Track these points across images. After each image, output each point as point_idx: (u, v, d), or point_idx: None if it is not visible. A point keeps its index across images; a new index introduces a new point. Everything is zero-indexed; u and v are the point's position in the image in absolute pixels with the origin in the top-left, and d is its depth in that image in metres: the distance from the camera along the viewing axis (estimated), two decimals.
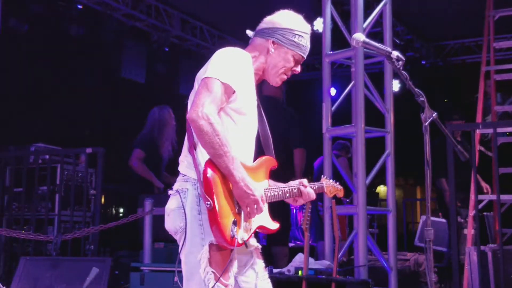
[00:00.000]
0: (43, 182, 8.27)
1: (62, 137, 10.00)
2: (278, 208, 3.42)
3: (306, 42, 3.21)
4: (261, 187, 3.04)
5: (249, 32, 3.26)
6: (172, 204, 2.97)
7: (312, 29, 3.29)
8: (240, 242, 2.86)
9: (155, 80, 11.76)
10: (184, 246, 2.88)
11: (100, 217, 7.84)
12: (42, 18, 9.77)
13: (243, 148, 3.03)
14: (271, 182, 3.22)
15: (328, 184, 3.51)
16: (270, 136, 3.29)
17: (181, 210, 2.90)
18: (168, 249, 7.65)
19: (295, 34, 3.17)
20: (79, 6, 10.26)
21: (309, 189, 3.27)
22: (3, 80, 9.60)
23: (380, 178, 7.02)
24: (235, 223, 2.84)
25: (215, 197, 2.77)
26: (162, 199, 7.53)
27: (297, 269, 5.78)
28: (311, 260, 5.98)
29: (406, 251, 8.92)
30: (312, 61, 14.00)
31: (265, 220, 3.07)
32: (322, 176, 3.56)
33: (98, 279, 5.96)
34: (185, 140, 3.02)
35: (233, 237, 2.81)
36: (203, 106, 2.79)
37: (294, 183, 3.26)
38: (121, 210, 14.13)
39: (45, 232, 7.81)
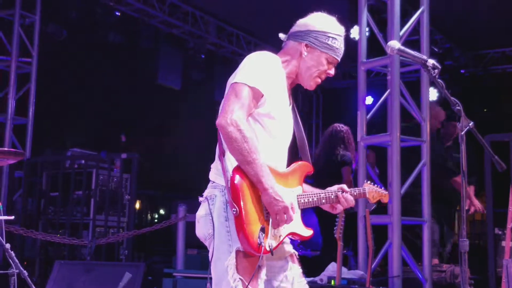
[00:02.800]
0: (78, 186, 8.35)
1: (98, 143, 10.10)
2: None
3: (340, 44, 3.14)
4: (294, 193, 3.00)
5: (282, 36, 3.21)
6: (201, 211, 2.96)
7: (347, 32, 3.22)
8: (268, 249, 2.82)
9: (191, 87, 11.82)
10: (212, 253, 2.88)
11: (134, 223, 7.89)
12: (80, 24, 9.91)
13: (273, 154, 2.98)
14: (307, 188, 3.15)
15: (371, 189, 3.35)
16: (306, 141, 3.23)
17: (208, 217, 2.88)
18: (201, 255, 7.67)
19: (329, 37, 3.10)
20: (117, 13, 10.38)
21: (346, 195, 3.14)
22: (41, 85, 9.74)
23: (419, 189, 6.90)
24: (263, 230, 2.80)
25: (241, 204, 2.75)
26: (196, 205, 7.57)
27: (330, 278, 5.73)
28: (344, 269, 5.92)
29: (442, 262, 8.79)
30: (349, 69, 13.94)
31: (297, 226, 3.01)
32: (365, 181, 3.42)
33: (131, 284, 5.97)
34: (217, 147, 2.99)
35: (260, 244, 2.77)
36: (232, 112, 2.78)
37: (332, 189, 3.16)
38: (156, 216, 14.22)
39: (80, 237, 7.89)
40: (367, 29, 6.99)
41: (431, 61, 3.13)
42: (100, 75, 10.88)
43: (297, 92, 14.79)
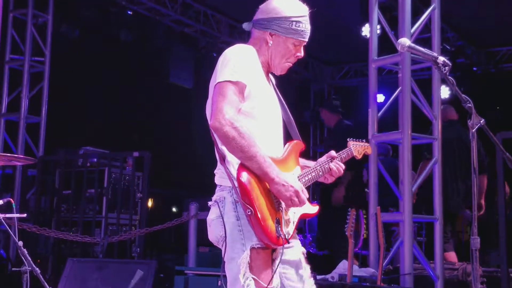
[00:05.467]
0: (91, 184, 8.40)
1: (111, 141, 10.14)
2: None
3: (305, 26, 3.10)
4: (294, 176, 3.02)
5: (246, 25, 3.20)
6: (211, 214, 2.99)
7: (311, 9, 3.18)
8: (287, 238, 2.86)
9: (203, 86, 11.77)
10: (226, 254, 2.89)
11: (146, 220, 7.92)
12: (92, 23, 9.95)
13: (270, 142, 3.01)
14: (303, 162, 3.18)
15: (356, 146, 3.41)
16: (293, 120, 3.23)
17: (219, 219, 2.91)
18: (212, 253, 7.69)
19: (292, 21, 3.06)
20: (129, 12, 10.42)
21: (334, 164, 3.20)
22: (53, 84, 9.79)
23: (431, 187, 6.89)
24: (278, 221, 2.84)
25: (254, 203, 2.76)
26: (207, 203, 7.58)
27: (341, 276, 5.73)
28: (355, 267, 5.92)
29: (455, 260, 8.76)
30: (361, 67, 13.92)
31: (305, 207, 3.03)
32: (348, 139, 3.43)
33: (143, 281, 5.99)
34: (215, 152, 3.01)
35: (279, 236, 2.81)
36: (222, 112, 2.79)
37: (323, 160, 3.22)
38: (169, 214, 14.26)
39: (92, 234, 7.93)
40: (378, 27, 6.98)
41: (441, 58, 3.13)
42: (112, 74, 10.92)
43: (309, 89, 14.79)
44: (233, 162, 2.86)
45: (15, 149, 9.40)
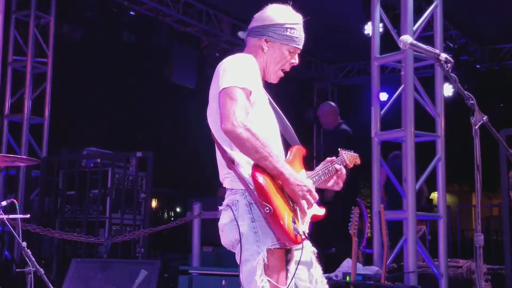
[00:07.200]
0: (94, 185, 8.40)
1: (114, 141, 10.15)
2: None
3: (299, 33, 3.16)
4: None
5: (241, 34, 3.25)
6: (224, 219, 2.98)
7: (304, 18, 3.23)
8: (304, 236, 2.88)
9: (206, 85, 11.77)
10: (241, 256, 2.89)
11: (150, 220, 7.92)
12: (95, 24, 9.95)
13: (275, 146, 3.03)
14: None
15: (348, 156, 3.47)
16: (290, 127, 3.27)
17: (233, 222, 2.91)
18: (216, 252, 7.68)
19: (286, 28, 3.12)
20: (131, 13, 10.42)
21: (340, 166, 3.28)
22: (56, 85, 9.80)
23: (435, 184, 6.89)
24: (293, 220, 2.86)
25: (272, 200, 2.78)
26: (210, 203, 7.59)
27: (345, 274, 5.73)
28: (359, 265, 5.91)
29: (460, 258, 8.76)
30: (364, 66, 13.90)
31: (315, 208, 3.09)
32: (339, 149, 3.48)
33: (147, 281, 6.00)
34: (219, 158, 3.03)
35: (297, 234, 2.83)
36: (234, 115, 2.80)
37: (320, 167, 3.26)
38: (173, 214, 14.28)
39: (96, 235, 7.93)
40: (380, 25, 6.98)
41: (443, 55, 3.12)
42: (115, 74, 10.93)
43: (312, 88, 14.78)
44: (243, 163, 2.88)
45: (18, 150, 9.40)
